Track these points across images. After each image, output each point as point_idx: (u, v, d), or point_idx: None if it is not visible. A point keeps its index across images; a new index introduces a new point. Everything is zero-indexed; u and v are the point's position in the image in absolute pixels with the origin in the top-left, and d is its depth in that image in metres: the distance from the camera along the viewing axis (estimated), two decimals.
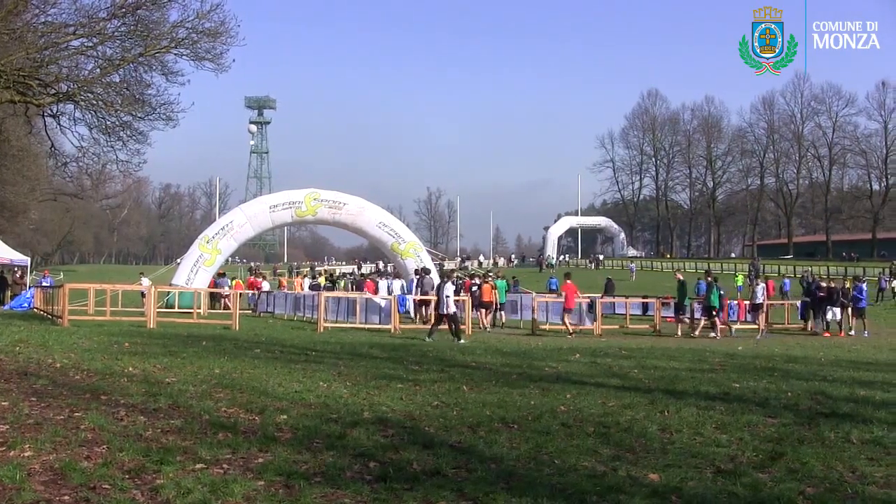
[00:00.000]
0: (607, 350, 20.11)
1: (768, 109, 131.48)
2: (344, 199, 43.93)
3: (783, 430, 9.06)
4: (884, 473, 7.20)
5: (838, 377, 14.29)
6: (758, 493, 6.47)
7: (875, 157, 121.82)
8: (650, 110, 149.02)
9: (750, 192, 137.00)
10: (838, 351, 21.62)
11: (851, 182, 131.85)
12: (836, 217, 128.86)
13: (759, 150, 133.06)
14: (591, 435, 8.71)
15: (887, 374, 14.99)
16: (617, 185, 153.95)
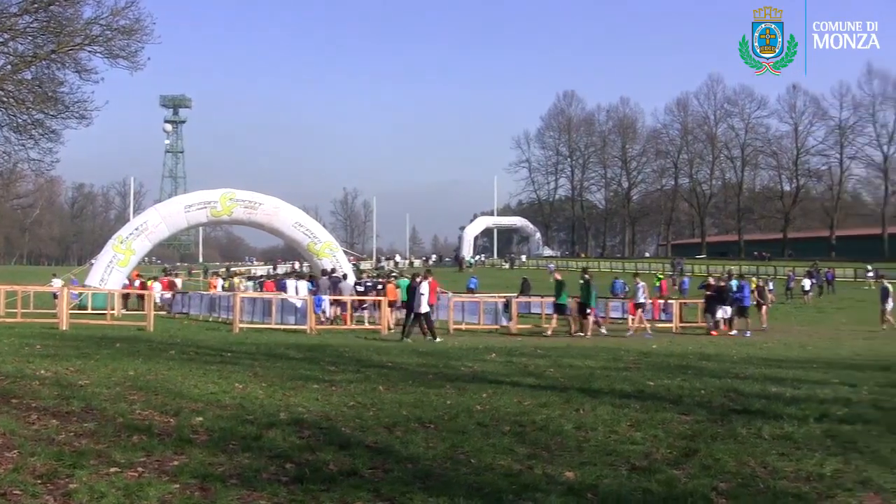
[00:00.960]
0: (523, 349, 20.21)
1: (682, 111, 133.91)
2: (259, 199, 43.67)
3: (697, 427, 9.20)
4: (794, 468, 7.35)
5: (750, 374, 14.54)
6: (672, 490, 6.57)
7: (786, 158, 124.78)
8: (566, 111, 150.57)
9: (664, 193, 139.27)
10: (750, 349, 22.01)
11: (763, 183, 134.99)
12: (749, 217, 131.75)
13: (674, 151, 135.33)
14: (507, 434, 8.75)
15: (797, 372, 15.30)
16: (533, 185, 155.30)
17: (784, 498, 6.42)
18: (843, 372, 15.13)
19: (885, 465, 7.49)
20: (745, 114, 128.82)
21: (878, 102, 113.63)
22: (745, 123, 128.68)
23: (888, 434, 8.84)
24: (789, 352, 21.66)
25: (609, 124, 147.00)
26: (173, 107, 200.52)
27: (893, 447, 8.17)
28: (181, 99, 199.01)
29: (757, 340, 26.44)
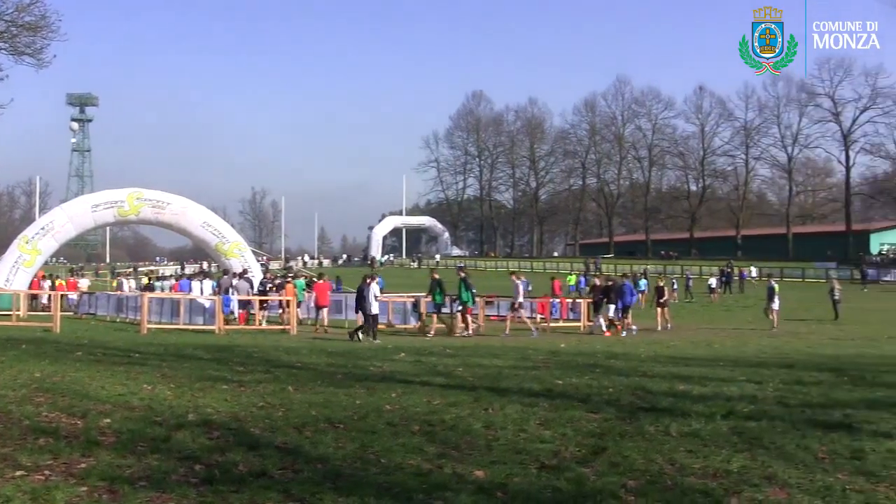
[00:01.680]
0: (432, 349, 20.21)
1: (590, 111, 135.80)
2: (167, 199, 43.04)
3: (605, 425, 9.26)
4: (701, 465, 7.44)
5: (658, 373, 14.72)
6: (581, 488, 6.59)
7: (693, 158, 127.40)
8: (475, 111, 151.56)
9: (572, 192, 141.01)
10: (657, 347, 22.33)
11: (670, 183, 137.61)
12: (656, 217, 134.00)
13: (582, 151, 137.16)
14: (416, 433, 8.71)
15: (704, 369, 15.53)
16: (441, 184, 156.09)
17: (691, 494, 6.48)
18: (749, 369, 15.40)
19: (790, 460, 7.62)
20: (652, 114, 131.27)
21: (782, 104, 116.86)
22: (653, 124, 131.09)
23: (793, 430, 9.00)
24: (696, 350, 22.01)
25: (517, 124, 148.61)
26: (80, 105, 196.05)
27: (798, 443, 8.33)
28: (88, 97, 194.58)
29: (664, 339, 26.83)
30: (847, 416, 9.86)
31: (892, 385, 13.06)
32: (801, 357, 18.98)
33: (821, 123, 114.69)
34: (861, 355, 20.02)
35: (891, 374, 14.90)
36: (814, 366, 16.13)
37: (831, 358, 18.80)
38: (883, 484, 6.85)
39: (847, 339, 26.68)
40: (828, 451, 8.04)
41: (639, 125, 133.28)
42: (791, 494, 6.53)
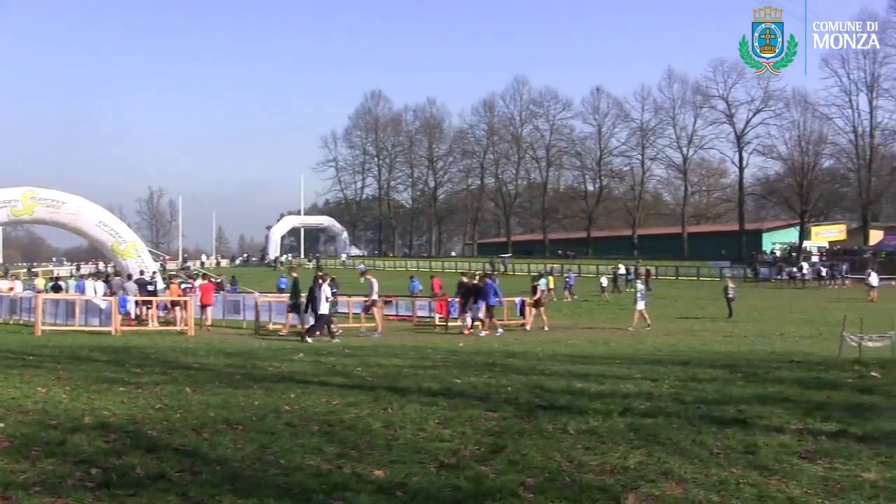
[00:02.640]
0: (331, 349, 20.14)
1: (489, 111, 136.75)
2: (63, 198, 41.97)
3: (504, 424, 9.31)
4: (599, 461, 7.52)
5: (555, 371, 14.87)
6: (480, 486, 6.61)
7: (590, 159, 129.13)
8: (373, 111, 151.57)
9: (470, 192, 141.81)
10: (555, 346, 22.54)
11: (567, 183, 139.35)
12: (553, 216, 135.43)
13: (480, 151, 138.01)
14: (315, 434, 8.66)
15: (601, 367, 15.74)
16: (340, 184, 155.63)
17: (589, 490, 6.55)
18: (645, 367, 15.66)
19: (686, 456, 7.75)
20: (549, 115, 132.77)
21: (677, 105, 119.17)
22: (550, 124, 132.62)
23: (688, 426, 9.16)
24: (593, 348, 22.29)
25: (416, 124, 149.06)
26: None
27: (693, 438, 8.48)
28: None
29: (561, 337, 27.09)
30: (741, 412, 10.08)
31: (783, 381, 13.40)
32: (695, 354, 19.32)
33: (715, 125, 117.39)
34: (754, 352, 20.51)
35: (782, 370, 15.26)
36: (708, 363, 16.44)
37: (725, 355, 19.21)
38: (775, 477, 7.02)
39: (740, 337, 27.28)
40: (722, 445, 8.20)
41: (536, 125, 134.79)
42: (687, 489, 6.64)
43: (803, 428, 9.14)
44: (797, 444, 8.35)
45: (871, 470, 7.31)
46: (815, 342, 24.28)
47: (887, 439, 8.54)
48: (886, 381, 13.49)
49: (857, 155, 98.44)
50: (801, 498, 6.46)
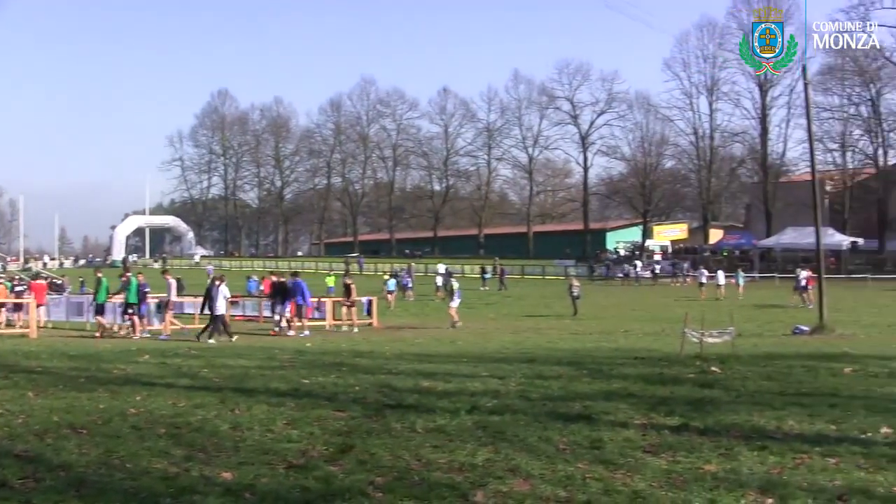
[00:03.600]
0: (177, 350, 19.74)
1: (336, 111, 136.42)
2: None
3: (352, 423, 9.29)
4: (447, 459, 7.56)
5: (403, 370, 14.89)
6: (330, 486, 6.57)
7: (436, 158, 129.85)
8: (220, 109, 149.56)
9: (317, 192, 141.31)
10: (402, 345, 22.60)
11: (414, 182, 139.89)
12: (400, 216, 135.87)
13: (327, 151, 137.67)
14: (162, 436, 8.50)
15: (448, 366, 15.82)
16: (186, 183, 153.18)
17: (438, 489, 6.57)
18: (492, 365, 15.80)
19: (533, 452, 7.86)
20: (396, 115, 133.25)
21: (523, 106, 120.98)
22: (397, 124, 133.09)
23: (535, 423, 9.29)
24: (440, 347, 22.41)
25: (263, 123, 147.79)
26: None
27: (540, 435, 8.60)
28: None
29: (408, 336, 27.16)
30: (586, 408, 10.27)
31: (628, 377, 13.71)
32: (541, 352, 19.60)
33: (560, 126, 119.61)
34: (598, 349, 20.94)
35: (626, 366, 15.61)
36: (554, 360, 16.65)
37: (571, 352, 19.54)
38: (620, 471, 7.18)
39: (585, 334, 27.86)
40: (568, 441, 8.34)
41: (383, 125, 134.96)
42: (534, 485, 6.73)
43: (647, 423, 9.37)
44: (641, 438, 8.55)
45: (712, 462, 7.55)
46: (658, 339, 24.95)
47: (727, 432, 8.83)
48: (726, 375, 13.94)
49: (698, 156, 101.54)
50: (645, 491, 6.61)
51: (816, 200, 30.37)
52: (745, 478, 7.04)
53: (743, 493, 6.57)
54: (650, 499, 6.45)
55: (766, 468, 7.38)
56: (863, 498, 6.45)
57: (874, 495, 6.53)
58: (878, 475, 7.10)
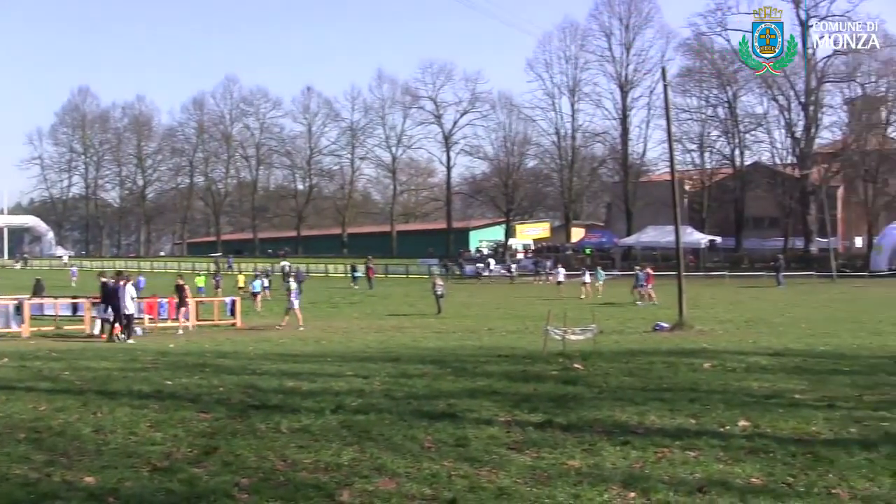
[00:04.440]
0: (37, 353, 19.16)
1: (199, 109, 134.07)
2: None
3: (216, 425, 9.19)
4: (313, 459, 7.54)
5: (267, 370, 14.78)
6: (194, 488, 6.50)
7: (300, 157, 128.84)
8: (80, 107, 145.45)
9: (180, 191, 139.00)
10: (267, 345, 22.39)
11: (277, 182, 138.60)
12: (263, 215, 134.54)
13: (190, 150, 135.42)
14: (22, 441, 8.32)
15: (313, 366, 15.77)
16: (45, 182, 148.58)
17: (304, 489, 6.56)
18: (357, 364, 15.82)
19: (398, 451, 7.89)
20: (260, 114, 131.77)
21: (387, 106, 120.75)
22: (261, 123, 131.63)
23: (400, 421, 9.33)
24: (305, 346, 22.28)
25: (124, 121, 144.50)
26: None
27: (405, 433, 8.64)
28: None
29: (273, 336, 26.89)
30: (451, 406, 10.36)
31: (491, 375, 13.87)
32: (406, 351, 19.68)
33: (424, 125, 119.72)
34: (462, 347, 21.08)
35: (490, 364, 15.79)
36: (418, 359, 16.76)
37: (435, 351, 19.66)
38: (485, 468, 7.26)
39: (449, 332, 27.95)
40: (433, 439, 8.40)
41: (247, 124, 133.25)
42: (400, 483, 6.76)
43: (511, 420, 9.50)
44: (506, 435, 8.66)
45: (576, 458, 7.71)
46: (521, 337, 25.18)
47: (590, 428, 9.01)
48: (588, 372, 14.22)
49: (560, 156, 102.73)
50: (510, 487, 6.71)
51: (676, 200, 31.12)
52: (608, 472, 7.20)
53: (606, 488, 6.72)
54: (515, 495, 6.54)
55: (628, 462, 7.56)
56: (721, 489, 6.67)
57: (732, 487, 6.76)
58: (737, 467, 7.35)
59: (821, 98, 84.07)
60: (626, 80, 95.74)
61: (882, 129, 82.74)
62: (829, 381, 12.97)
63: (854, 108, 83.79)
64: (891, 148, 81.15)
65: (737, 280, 63.44)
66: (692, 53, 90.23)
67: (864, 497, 6.54)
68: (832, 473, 7.15)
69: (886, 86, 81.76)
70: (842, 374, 13.83)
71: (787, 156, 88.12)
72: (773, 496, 6.52)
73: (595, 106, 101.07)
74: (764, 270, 66.02)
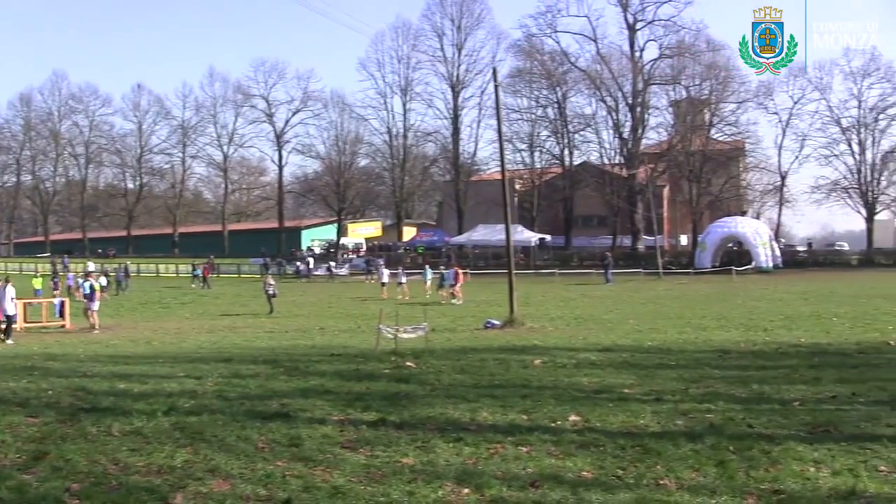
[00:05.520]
0: None
1: (26, 106, 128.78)
2: None
3: (46, 429, 8.94)
4: (145, 462, 7.43)
5: (98, 372, 14.43)
6: (24, 495, 6.35)
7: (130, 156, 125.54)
8: None
9: (6, 190, 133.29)
10: (97, 347, 21.82)
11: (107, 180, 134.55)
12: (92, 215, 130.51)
13: (16, 147, 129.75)
14: None
15: (144, 367, 15.44)
16: None
17: (136, 492, 6.47)
18: (189, 365, 15.58)
19: (231, 452, 7.85)
20: (89, 111, 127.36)
21: (219, 104, 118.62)
22: (90, 121, 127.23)
23: (233, 422, 9.26)
24: (136, 348, 21.81)
25: None
26: None
27: (239, 434, 8.59)
28: None
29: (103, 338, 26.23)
30: (284, 406, 10.34)
31: (324, 374, 13.88)
32: (238, 351, 19.48)
33: (255, 124, 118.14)
34: (295, 347, 20.98)
35: (323, 363, 15.80)
36: (250, 359, 16.61)
37: (267, 350, 19.53)
38: (319, 467, 7.30)
39: (282, 332, 27.74)
40: (267, 440, 8.39)
41: (76, 122, 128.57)
42: (234, 485, 6.74)
43: (345, 418, 9.55)
44: (339, 434, 8.71)
45: (409, 455, 7.81)
46: (353, 335, 25.15)
47: (423, 425, 9.14)
48: (421, 370, 14.38)
49: (392, 155, 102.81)
50: (345, 486, 6.76)
51: (506, 198, 31.56)
52: (441, 469, 7.33)
53: (440, 485, 6.84)
54: (350, 494, 6.60)
55: (461, 459, 7.71)
56: (554, 483, 6.87)
57: (564, 480, 6.97)
58: (568, 461, 7.59)
59: (647, 100, 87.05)
60: (457, 80, 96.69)
61: (705, 130, 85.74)
62: (656, 375, 13.44)
63: (679, 110, 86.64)
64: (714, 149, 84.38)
65: (566, 277, 64.39)
66: (523, 55, 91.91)
67: (690, 487, 6.84)
68: (660, 465, 7.46)
69: (710, 89, 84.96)
70: (668, 369, 14.34)
71: (614, 156, 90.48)
72: (603, 489, 6.76)
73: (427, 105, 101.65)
74: (593, 268, 67.46)
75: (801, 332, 21.92)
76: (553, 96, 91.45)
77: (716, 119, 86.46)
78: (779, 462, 7.50)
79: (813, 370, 13.64)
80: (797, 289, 45.79)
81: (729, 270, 62.78)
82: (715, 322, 27.05)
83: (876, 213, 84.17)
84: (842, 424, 9.03)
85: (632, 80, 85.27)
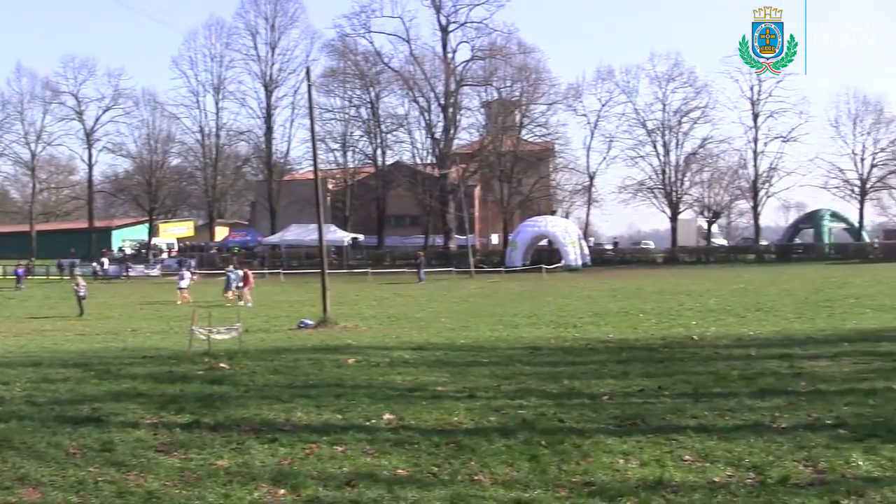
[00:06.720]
0: None
1: None
2: None
3: None
4: None
5: None
6: None
7: None
8: None
9: None
10: None
11: None
12: None
13: None
14: None
15: None
16: None
17: None
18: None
19: (41, 459, 7.58)
20: None
21: (26, 101, 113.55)
22: None
23: (43, 428, 8.94)
24: None
25: None
26: None
27: (49, 440, 8.30)
28: None
29: None
30: (95, 410, 10.04)
31: (137, 377, 13.56)
32: (47, 355, 18.76)
33: (65, 121, 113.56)
34: (106, 349, 20.36)
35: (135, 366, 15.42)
36: (60, 363, 16.05)
37: (78, 354, 18.89)
38: (133, 472, 7.13)
39: (93, 334, 26.86)
40: (78, 445, 8.13)
41: None
42: (45, 493, 6.51)
43: (158, 422, 9.34)
44: (153, 437, 8.52)
45: (224, 457, 7.72)
46: (166, 337, 24.57)
47: (238, 427, 9.03)
48: (235, 371, 14.20)
49: (204, 154, 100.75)
50: (159, 490, 6.62)
51: (319, 198, 31.46)
52: (257, 471, 7.27)
53: (256, 486, 6.78)
54: (165, 498, 6.47)
55: (276, 460, 7.67)
56: (370, 482, 6.91)
57: (380, 479, 7.02)
58: (383, 459, 7.64)
59: (459, 101, 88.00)
60: (270, 79, 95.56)
61: (516, 131, 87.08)
62: (469, 372, 13.65)
63: (490, 111, 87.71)
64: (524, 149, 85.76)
65: (379, 277, 64.52)
66: (336, 54, 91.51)
67: (504, 482, 6.99)
68: (474, 461, 7.59)
69: (521, 90, 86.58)
70: (481, 366, 14.57)
71: (427, 156, 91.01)
72: (418, 486, 6.83)
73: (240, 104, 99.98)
74: (405, 267, 68.15)
75: (610, 329, 22.69)
76: (366, 96, 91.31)
77: (526, 120, 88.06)
78: (589, 455, 7.76)
79: (621, 365, 14.15)
80: (605, 286, 47.27)
81: (539, 269, 63.97)
82: (526, 319, 27.63)
83: (679, 212, 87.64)
84: (649, 417, 9.41)
85: (444, 81, 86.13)
